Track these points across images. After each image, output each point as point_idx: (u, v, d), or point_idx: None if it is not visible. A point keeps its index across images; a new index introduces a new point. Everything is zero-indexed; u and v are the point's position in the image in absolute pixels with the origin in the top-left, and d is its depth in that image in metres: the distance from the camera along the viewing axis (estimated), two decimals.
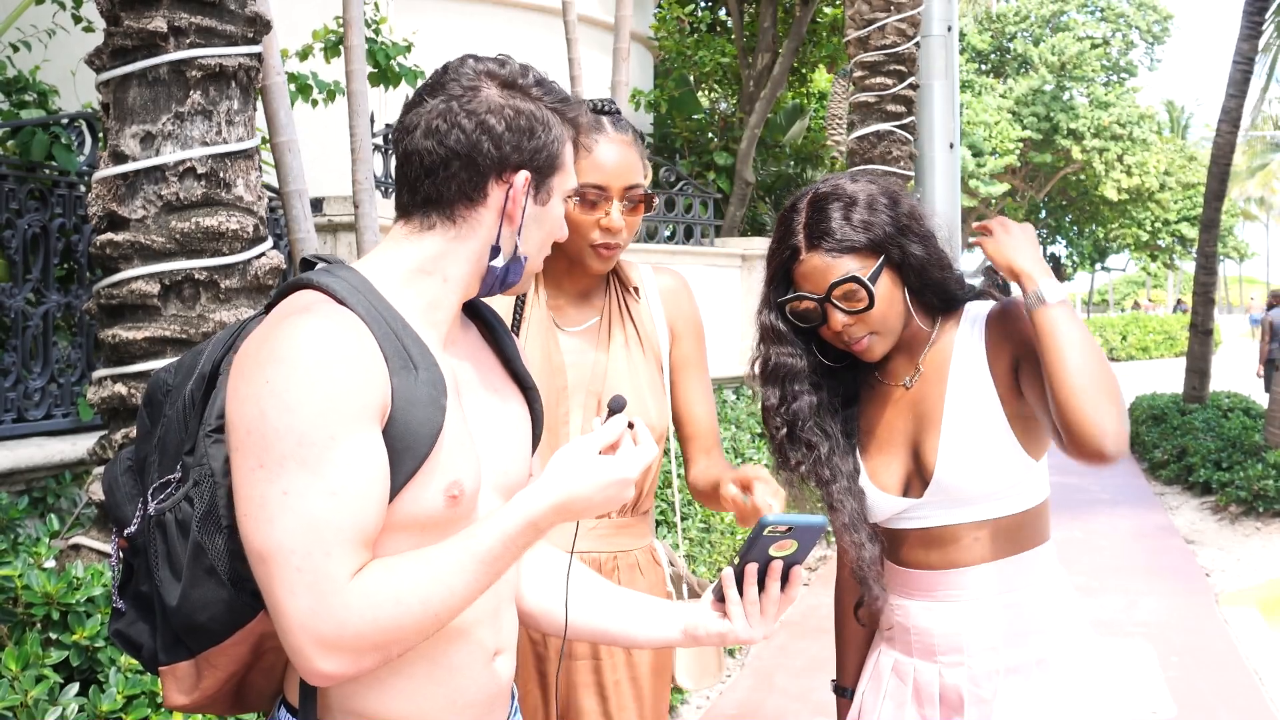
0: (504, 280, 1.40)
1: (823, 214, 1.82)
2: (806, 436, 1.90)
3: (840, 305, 1.81)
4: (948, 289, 1.88)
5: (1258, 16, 11.06)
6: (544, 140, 1.37)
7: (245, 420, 1.22)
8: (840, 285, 1.80)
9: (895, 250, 1.82)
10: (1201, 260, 11.38)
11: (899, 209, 1.84)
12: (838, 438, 1.92)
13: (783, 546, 1.45)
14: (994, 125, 33.83)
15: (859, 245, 1.80)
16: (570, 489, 1.31)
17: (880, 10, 7.82)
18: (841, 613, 2.09)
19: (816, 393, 1.92)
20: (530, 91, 1.38)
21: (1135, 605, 6.23)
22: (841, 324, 1.82)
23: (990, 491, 1.84)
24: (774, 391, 1.92)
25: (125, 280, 3.35)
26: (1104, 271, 49.55)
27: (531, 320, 2.05)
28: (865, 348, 1.85)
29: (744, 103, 14.20)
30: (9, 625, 2.64)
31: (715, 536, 5.55)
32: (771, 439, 1.95)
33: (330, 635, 1.20)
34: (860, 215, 1.81)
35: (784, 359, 1.90)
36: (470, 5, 11.04)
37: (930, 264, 1.84)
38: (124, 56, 3.38)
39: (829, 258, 1.81)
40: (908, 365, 1.93)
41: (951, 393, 1.85)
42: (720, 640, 1.51)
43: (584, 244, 2.00)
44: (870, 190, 1.85)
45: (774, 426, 1.93)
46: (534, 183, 1.38)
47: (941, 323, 1.92)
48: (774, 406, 1.92)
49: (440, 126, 1.34)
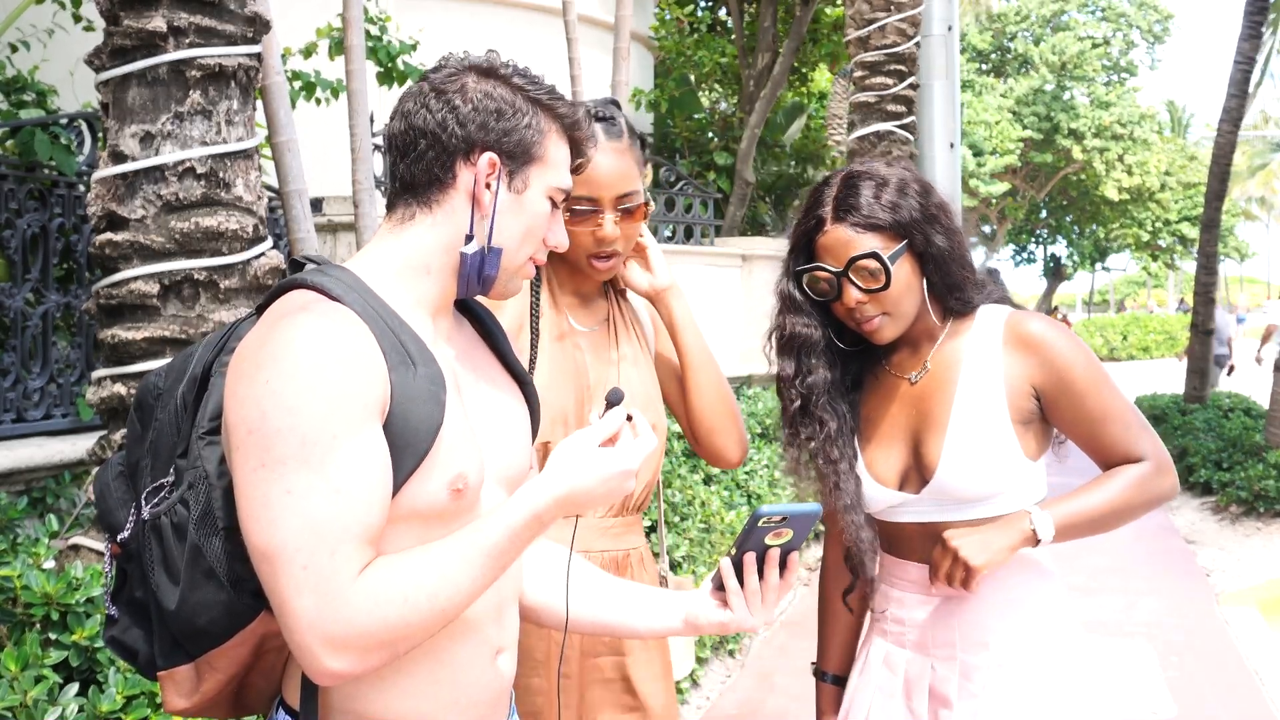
0: (480, 272, 1.37)
1: (853, 190, 1.84)
2: (820, 413, 1.91)
3: (856, 281, 1.82)
4: (965, 290, 1.88)
5: (1258, 16, 11.05)
6: (514, 124, 1.36)
7: (246, 421, 1.21)
8: (860, 260, 1.81)
9: (919, 237, 1.83)
10: (1202, 260, 11.37)
11: (930, 198, 1.86)
12: (846, 418, 1.93)
13: (779, 535, 1.46)
14: (994, 125, 33.80)
15: (884, 224, 1.82)
16: (573, 482, 1.32)
17: (881, 10, 7.81)
18: (826, 597, 2.09)
19: (831, 370, 1.93)
20: (510, 80, 1.38)
21: (1135, 605, 6.22)
22: (855, 300, 1.83)
23: (988, 494, 1.84)
24: (789, 362, 1.94)
25: (125, 280, 3.35)
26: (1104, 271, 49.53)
27: (550, 321, 2.05)
28: (875, 328, 1.85)
29: (744, 103, 14.20)
30: (8, 625, 2.64)
31: (715, 537, 5.55)
32: (784, 411, 1.96)
33: (338, 634, 1.20)
34: (890, 196, 1.83)
35: (800, 329, 1.91)
36: (470, 5, 11.03)
37: (952, 259, 1.85)
38: (123, 56, 3.38)
39: (852, 232, 1.82)
40: (915, 360, 1.93)
41: (961, 395, 1.85)
42: (721, 629, 1.52)
43: (581, 256, 1.99)
44: (904, 175, 1.87)
45: (789, 398, 1.94)
46: (508, 170, 1.37)
47: (954, 323, 1.92)
48: (789, 377, 1.94)
49: (410, 107, 1.36)
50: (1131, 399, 10.60)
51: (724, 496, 6.13)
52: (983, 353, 1.87)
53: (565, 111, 1.42)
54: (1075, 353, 1.84)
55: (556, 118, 1.41)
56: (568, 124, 1.42)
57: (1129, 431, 1.86)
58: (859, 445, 1.95)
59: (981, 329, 1.89)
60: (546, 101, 1.40)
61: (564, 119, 1.42)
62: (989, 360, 1.86)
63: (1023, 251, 44.20)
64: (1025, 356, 1.84)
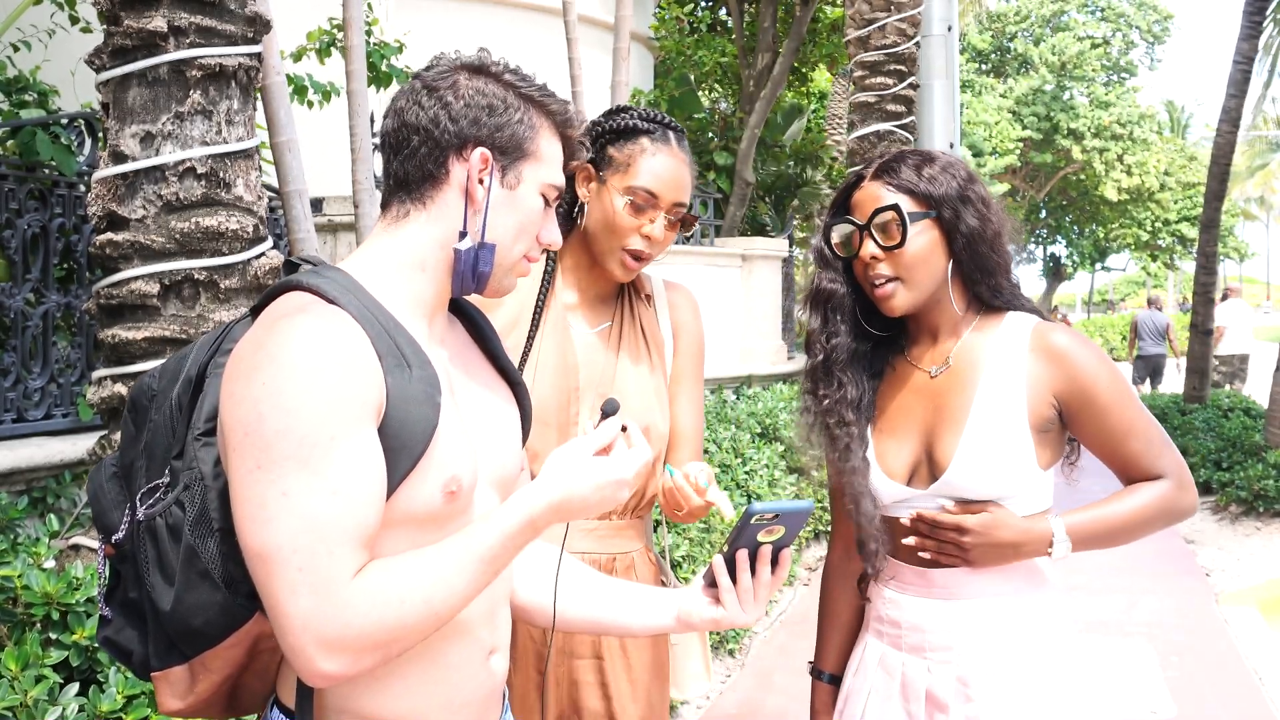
0: (474, 268, 1.38)
1: (900, 158, 1.90)
2: (840, 375, 1.93)
3: (876, 236, 1.84)
4: (996, 277, 1.89)
5: (1258, 16, 11.05)
6: (506, 120, 1.37)
7: (242, 422, 1.21)
8: (881, 212, 1.84)
9: (949, 213, 1.85)
10: (1202, 260, 11.37)
11: (973, 185, 1.89)
12: (866, 391, 1.95)
13: (770, 532, 1.47)
14: (994, 125, 33.82)
15: (916, 190, 1.85)
16: (567, 489, 1.32)
17: (880, 10, 7.81)
18: (828, 596, 2.09)
19: (856, 340, 1.95)
20: (501, 77, 1.39)
21: (1135, 605, 6.22)
22: (870, 255, 1.85)
23: (995, 497, 1.84)
24: (817, 316, 1.96)
25: (125, 280, 3.35)
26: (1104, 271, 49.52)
27: (548, 319, 2.05)
28: (888, 294, 1.86)
29: (744, 103, 14.21)
30: (9, 625, 2.64)
31: (715, 536, 5.55)
32: (808, 367, 1.99)
33: (333, 635, 1.20)
34: (932, 171, 1.87)
35: (827, 284, 1.94)
36: (470, 5, 11.04)
37: (983, 240, 1.86)
38: (124, 56, 3.38)
39: (885, 189, 1.86)
40: (936, 352, 1.93)
41: (981, 395, 1.85)
42: (714, 625, 1.53)
43: (616, 246, 2.01)
44: (953, 160, 1.91)
45: (813, 352, 1.97)
46: (501, 165, 1.37)
47: (980, 320, 1.92)
48: (816, 330, 1.97)
49: (402, 105, 1.37)
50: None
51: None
52: (1007, 356, 1.86)
53: (557, 108, 1.42)
54: (1100, 367, 1.84)
55: (548, 114, 1.41)
56: (560, 120, 1.43)
57: (1151, 448, 1.87)
58: (871, 434, 1.95)
59: (1008, 332, 1.89)
60: (538, 98, 1.40)
61: (556, 115, 1.42)
62: (1013, 364, 1.85)
63: (1022, 251, 44.19)
64: (1050, 366, 1.84)
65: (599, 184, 2.02)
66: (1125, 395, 1.85)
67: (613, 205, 1.99)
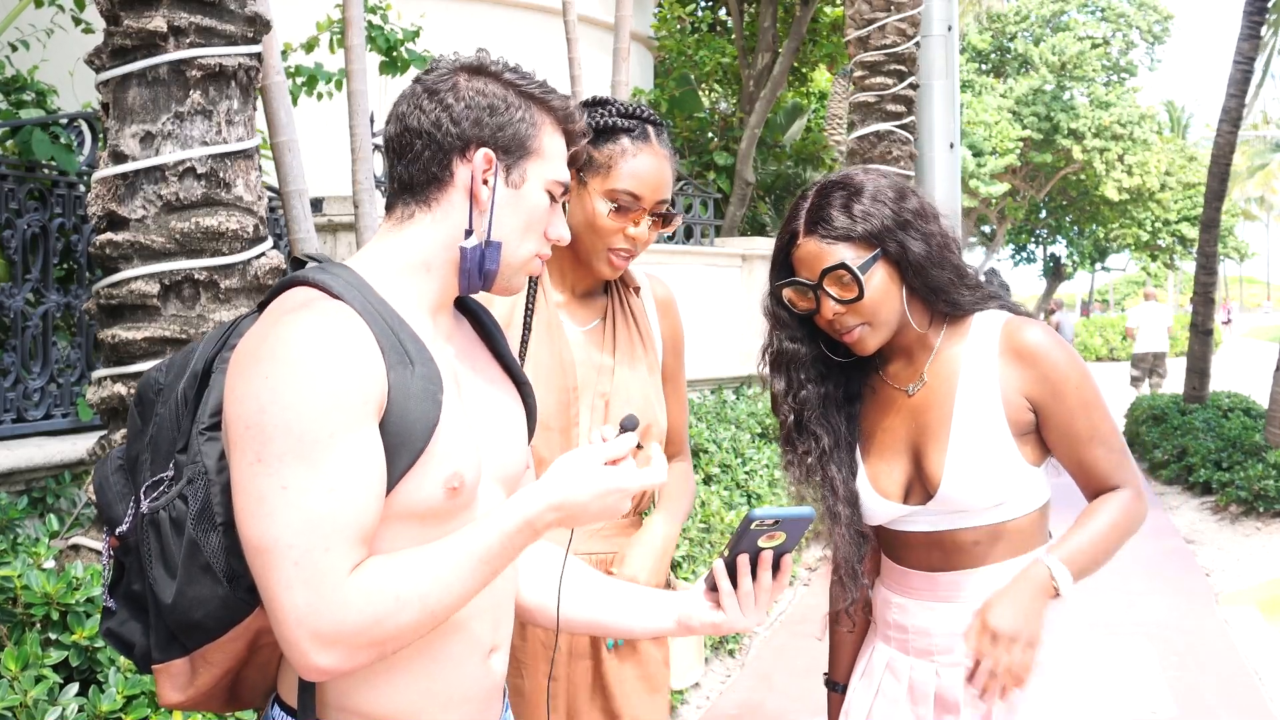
0: (481, 267, 1.38)
1: (826, 201, 1.83)
2: (814, 428, 1.91)
3: (831, 293, 1.81)
4: (951, 293, 1.86)
5: (1258, 16, 11.04)
6: (508, 119, 1.37)
7: (244, 416, 1.22)
8: (831, 272, 1.80)
9: (894, 244, 1.81)
10: (1202, 260, 11.37)
11: (904, 204, 1.83)
12: (842, 433, 1.93)
13: (772, 538, 1.46)
14: (994, 125, 33.79)
15: (854, 235, 1.80)
16: (568, 493, 1.32)
17: (880, 10, 7.82)
18: (836, 608, 2.09)
19: (823, 384, 1.92)
20: (501, 76, 1.39)
21: (1135, 605, 6.22)
22: (833, 312, 1.82)
23: (993, 503, 1.84)
24: (780, 379, 1.93)
25: (125, 280, 3.35)
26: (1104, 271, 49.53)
27: (541, 319, 2.05)
28: (857, 339, 1.84)
29: (744, 103, 14.21)
30: (9, 625, 2.64)
31: (715, 537, 5.55)
32: (781, 428, 1.96)
33: (328, 630, 1.20)
34: (862, 206, 1.81)
35: (787, 344, 1.91)
36: (471, 5, 11.03)
37: (932, 263, 1.83)
38: (124, 56, 3.38)
39: (824, 244, 1.81)
40: (911, 370, 1.92)
41: (959, 408, 1.85)
42: (714, 629, 1.52)
43: (602, 247, 2.00)
44: (879, 184, 1.85)
45: (783, 414, 1.94)
46: (504, 164, 1.37)
47: (948, 330, 1.90)
48: (782, 393, 1.93)
49: (404, 110, 1.38)
50: (1132, 399, 10.49)
51: (724, 496, 6.14)
52: (979, 363, 1.85)
53: (558, 105, 1.42)
54: (1070, 368, 1.83)
55: (549, 111, 1.41)
56: (561, 116, 1.43)
57: (1113, 455, 1.86)
58: (861, 458, 1.94)
59: (977, 338, 1.87)
60: (539, 95, 1.40)
61: (557, 112, 1.42)
62: (985, 371, 1.85)
63: (1022, 251, 44.21)
64: (1020, 368, 1.83)
65: (579, 184, 1.99)
66: (1093, 399, 1.84)
67: (595, 208, 1.97)
